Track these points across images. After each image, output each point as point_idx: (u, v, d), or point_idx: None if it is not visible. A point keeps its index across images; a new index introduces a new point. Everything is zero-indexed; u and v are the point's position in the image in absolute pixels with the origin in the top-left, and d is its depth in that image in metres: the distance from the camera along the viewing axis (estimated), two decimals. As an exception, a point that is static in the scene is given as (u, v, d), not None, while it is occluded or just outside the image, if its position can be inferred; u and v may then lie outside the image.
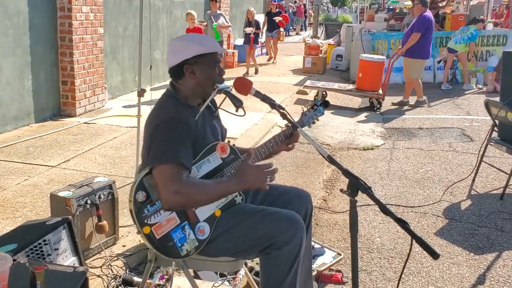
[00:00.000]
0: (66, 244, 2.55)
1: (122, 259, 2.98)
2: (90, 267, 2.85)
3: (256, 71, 11.22)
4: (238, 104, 2.10)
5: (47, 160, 4.75)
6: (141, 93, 4.00)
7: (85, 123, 6.21)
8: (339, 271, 3.05)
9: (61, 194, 2.85)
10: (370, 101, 8.22)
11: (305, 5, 30.24)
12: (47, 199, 3.22)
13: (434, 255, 1.45)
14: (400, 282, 2.94)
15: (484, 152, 4.49)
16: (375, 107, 8.12)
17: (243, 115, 2.14)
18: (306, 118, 2.34)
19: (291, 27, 27.05)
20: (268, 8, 13.44)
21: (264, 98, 2.08)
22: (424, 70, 10.67)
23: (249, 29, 11.05)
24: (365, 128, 6.89)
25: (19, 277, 1.82)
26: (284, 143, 2.32)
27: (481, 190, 4.51)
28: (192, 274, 2.68)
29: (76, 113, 6.55)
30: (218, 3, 9.19)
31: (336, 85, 8.70)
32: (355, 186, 1.68)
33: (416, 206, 4.13)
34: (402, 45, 8.04)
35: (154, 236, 2.01)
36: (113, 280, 2.76)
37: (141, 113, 3.91)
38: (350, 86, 8.64)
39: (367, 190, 1.64)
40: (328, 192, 4.49)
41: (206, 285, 2.69)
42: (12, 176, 4.30)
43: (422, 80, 10.54)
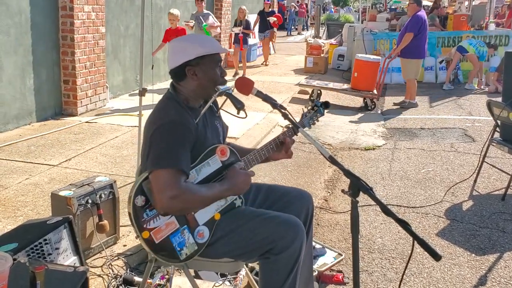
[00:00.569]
0: (67, 244, 2.55)
1: (123, 259, 2.98)
2: (91, 267, 2.85)
3: (235, 74, 10.45)
4: (240, 107, 2.09)
5: (48, 159, 4.75)
6: (143, 93, 4.01)
7: (87, 122, 6.21)
8: (340, 272, 3.04)
9: (62, 194, 2.85)
10: (365, 101, 8.22)
11: (307, 5, 30.23)
12: (48, 198, 3.21)
13: (436, 257, 1.44)
14: (401, 283, 2.93)
15: (486, 153, 4.48)
16: (369, 107, 8.11)
17: (245, 117, 2.12)
18: (307, 119, 2.32)
19: (293, 27, 27.05)
20: (264, 7, 12.98)
21: (266, 98, 2.07)
22: (426, 70, 10.71)
23: (237, 29, 10.65)
24: (367, 128, 6.88)
25: (19, 277, 1.82)
26: (282, 151, 2.27)
27: (483, 191, 4.49)
28: (193, 274, 2.67)
29: (78, 112, 6.55)
30: (204, 3, 8.80)
31: (331, 84, 8.72)
32: (357, 187, 1.68)
33: (418, 207, 4.12)
34: (397, 46, 8.06)
35: (153, 241, 2.00)
36: (114, 280, 2.75)
37: (143, 113, 3.91)
38: (345, 86, 8.65)
39: (369, 191, 1.64)
40: (329, 192, 4.49)
41: (207, 285, 2.69)
42: (14, 175, 4.30)
43: (424, 80, 10.61)
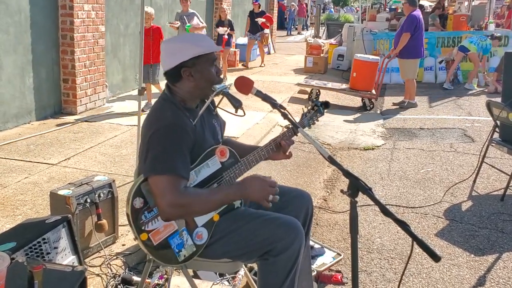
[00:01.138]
0: (66, 243, 2.55)
1: (122, 258, 2.97)
2: (89, 266, 2.84)
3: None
4: (237, 105, 2.08)
5: (48, 158, 4.75)
6: (142, 92, 4.00)
7: (86, 121, 6.20)
8: (339, 272, 3.04)
9: (61, 193, 2.85)
10: (363, 101, 8.22)
11: (307, 5, 30.23)
12: (47, 197, 3.21)
13: (436, 258, 1.44)
14: (401, 284, 2.93)
15: (486, 153, 4.48)
16: (368, 107, 8.11)
17: (243, 116, 2.11)
18: (306, 119, 2.31)
19: (293, 26, 27.05)
20: (254, 8, 11.99)
21: (265, 98, 2.06)
22: (425, 71, 10.71)
23: (222, 29, 9.82)
24: (366, 128, 6.88)
25: (17, 276, 1.82)
26: (281, 152, 2.25)
27: (482, 191, 4.49)
28: (192, 274, 2.67)
29: (77, 111, 6.54)
30: (189, 2, 8.31)
31: (330, 84, 8.74)
32: (356, 187, 1.67)
33: (417, 207, 4.12)
34: (395, 46, 8.08)
35: (152, 243, 2.00)
36: (112, 279, 2.75)
37: (142, 112, 3.90)
38: (344, 86, 8.65)
39: (368, 191, 1.63)
40: (329, 192, 4.48)
41: (206, 285, 2.68)
42: (13, 174, 4.30)
43: (423, 80, 10.61)
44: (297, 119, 2.31)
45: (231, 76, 10.54)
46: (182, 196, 1.88)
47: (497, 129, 4.41)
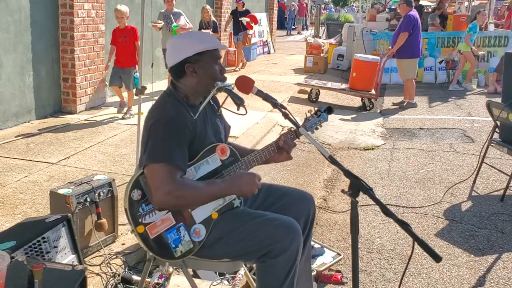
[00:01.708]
0: (65, 242, 2.55)
1: (121, 258, 2.97)
2: (89, 265, 2.84)
3: None
4: (239, 103, 2.08)
5: (47, 157, 4.74)
6: (142, 91, 4.00)
7: (86, 120, 6.20)
8: (339, 271, 3.04)
9: (61, 192, 2.84)
10: (363, 101, 8.23)
11: (307, 4, 30.23)
12: (47, 196, 3.21)
13: (437, 258, 1.44)
14: (401, 284, 2.93)
15: (485, 153, 4.48)
16: (367, 107, 8.11)
17: (245, 114, 2.11)
18: (309, 124, 2.28)
19: (293, 26, 27.05)
20: (237, 6, 11.10)
21: (266, 97, 2.06)
22: (425, 71, 10.71)
23: (205, 32, 8.86)
24: (366, 128, 6.88)
25: (17, 275, 1.81)
26: (283, 153, 2.24)
27: (482, 192, 4.50)
28: (191, 273, 2.67)
29: (77, 110, 6.54)
30: (175, 0, 7.65)
31: (330, 84, 8.74)
32: (357, 187, 1.67)
33: (417, 207, 4.12)
34: (392, 46, 8.09)
35: (148, 236, 2.00)
36: (112, 279, 2.75)
37: (142, 111, 3.90)
38: (344, 85, 8.65)
39: (369, 191, 1.64)
40: (328, 192, 4.48)
41: (205, 284, 2.68)
42: (12, 173, 4.29)
43: (423, 81, 10.61)
44: (298, 119, 2.31)
45: (231, 76, 10.46)
46: (178, 186, 1.88)
47: (497, 130, 4.41)
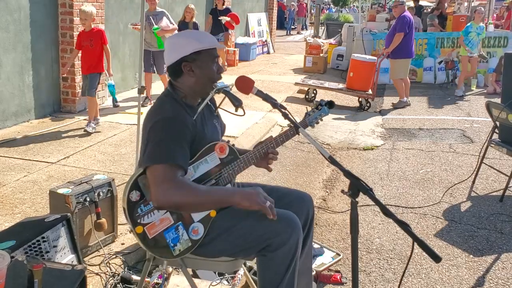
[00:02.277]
0: (65, 242, 2.55)
1: (121, 257, 2.97)
2: (89, 265, 2.84)
3: None
4: (238, 104, 2.08)
5: (47, 157, 4.74)
6: (142, 91, 3.99)
7: (85, 120, 6.19)
8: (338, 272, 3.04)
9: (60, 191, 2.85)
10: (359, 101, 8.24)
11: (307, 4, 30.24)
12: (46, 196, 3.21)
13: (436, 259, 1.44)
14: (401, 284, 2.93)
15: (485, 154, 4.49)
16: (364, 107, 8.12)
17: (243, 115, 2.11)
18: (310, 118, 2.28)
19: (292, 26, 27.05)
20: (217, 4, 9.86)
21: (266, 98, 2.06)
22: (425, 71, 10.72)
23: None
24: (365, 128, 6.88)
25: (17, 275, 1.81)
26: (267, 160, 2.27)
27: (481, 192, 4.50)
28: (191, 273, 2.67)
29: (76, 110, 6.54)
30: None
31: (327, 84, 8.77)
32: (356, 187, 1.67)
33: (416, 207, 4.13)
34: (386, 47, 8.11)
35: (147, 236, 2.00)
36: (112, 278, 2.75)
37: (141, 111, 3.90)
38: (341, 85, 8.67)
39: (369, 192, 1.64)
40: (328, 192, 4.49)
41: (205, 284, 2.68)
42: (12, 172, 4.29)
43: (423, 81, 10.62)
44: (298, 119, 2.31)
45: (230, 76, 10.45)
46: (179, 186, 1.87)
47: (497, 130, 4.42)
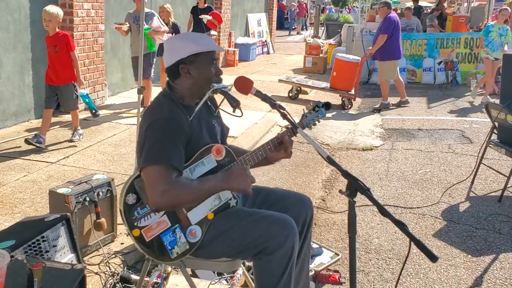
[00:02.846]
0: (64, 241, 2.55)
1: (120, 257, 2.98)
2: (88, 264, 2.85)
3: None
4: (235, 105, 2.08)
5: (46, 157, 4.75)
6: (141, 91, 4.00)
7: (85, 120, 6.20)
8: (337, 271, 3.05)
9: (60, 191, 2.85)
10: (342, 100, 8.28)
11: (307, 4, 30.25)
12: (46, 196, 3.22)
13: (433, 258, 1.45)
14: (398, 284, 2.94)
15: (483, 154, 4.50)
16: (346, 107, 8.13)
17: (240, 116, 2.11)
18: (307, 120, 2.28)
19: (293, 26, 27.05)
20: (198, 2, 8.98)
21: (265, 98, 2.07)
22: (424, 71, 10.74)
23: (164, 37, 6.89)
24: (365, 129, 6.89)
25: (17, 274, 1.82)
26: (281, 151, 2.22)
27: (480, 192, 4.51)
28: (190, 273, 2.68)
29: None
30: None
31: (311, 82, 8.83)
32: (354, 187, 1.68)
33: (415, 208, 4.14)
34: (372, 47, 8.13)
35: (144, 239, 2.01)
36: (111, 278, 2.76)
37: (141, 111, 3.90)
38: (324, 84, 8.71)
39: (366, 192, 1.64)
40: (327, 192, 4.50)
41: (204, 284, 2.69)
42: (11, 172, 4.30)
43: (422, 81, 10.63)
44: (296, 120, 2.31)
45: (230, 76, 10.38)
46: (173, 185, 1.88)
47: (495, 131, 4.43)
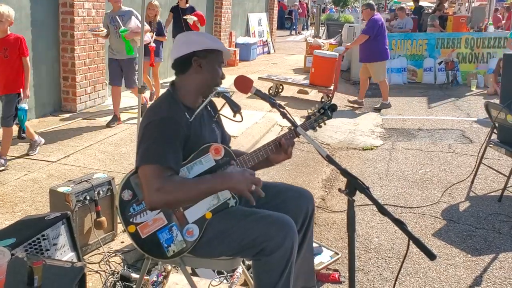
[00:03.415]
0: (65, 240, 2.56)
1: (120, 256, 2.99)
2: (88, 263, 2.86)
3: (152, 97, 7.22)
4: (236, 110, 2.10)
5: (47, 156, 4.76)
6: (142, 90, 4.01)
7: (85, 119, 6.21)
8: (337, 271, 3.06)
9: (61, 190, 2.86)
10: (322, 97, 8.37)
11: (307, 4, 30.25)
12: (47, 194, 3.22)
13: (431, 257, 1.45)
14: (397, 283, 2.95)
15: (484, 154, 4.50)
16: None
17: (240, 121, 2.11)
18: (310, 121, 2.24)
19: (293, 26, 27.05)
20: (179, 1, 7.99)
21: (264, 97, 2.07)
22: (425, 71, 10.73)
23: (146, 36, 6.29)
24: (365, 128, 6.89)
25: (17, 272, 1.83)
26: (281, 152, 2.21)
27: (480, 192, 4.51)
28: (190, 271, 2.68)
29: (77, 109, 6.55)
30: None
31: (291, 79, 8.98)
32: (353, 186, 1.69)
33: (415, 207, 4.14)
34: (360, 50, 8.17)
35: (139, 235, 2.01)
36: (111, 276, 2.77)
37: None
38: (304, 81, 8.87)
39: (365, 190, 1.65)
40: (327, 192, 4.50)
41: (204, 283, 2.69)
42: (12, 171, 4.31)
43: (423, 81, 10.63)
44: (296, 119, 2.31)
45: (230, 76, 10.43)
46: (168, 182, 1.88)
47: (495, 131, 4.43)
